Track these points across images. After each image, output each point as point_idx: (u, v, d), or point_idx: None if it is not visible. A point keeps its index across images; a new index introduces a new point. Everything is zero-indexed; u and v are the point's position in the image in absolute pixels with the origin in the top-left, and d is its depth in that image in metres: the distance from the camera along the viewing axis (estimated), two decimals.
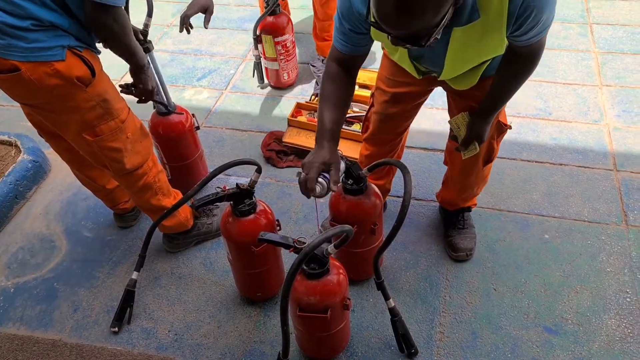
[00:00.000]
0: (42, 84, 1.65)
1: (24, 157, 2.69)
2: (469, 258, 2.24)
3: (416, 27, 1.24)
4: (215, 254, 2.35)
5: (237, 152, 2.84)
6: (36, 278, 2.32)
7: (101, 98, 1.80)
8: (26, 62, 1.60)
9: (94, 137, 1.84)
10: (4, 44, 1.57)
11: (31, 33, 1.58)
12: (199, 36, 3.77)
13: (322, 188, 1.62)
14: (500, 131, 1.88)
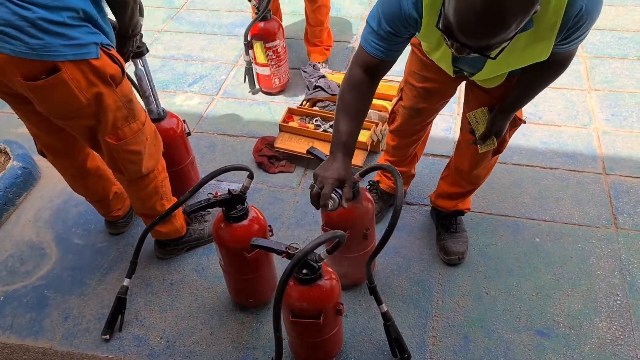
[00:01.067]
0: (81, 85, 1.63)
1: (14, 163, 2.67)
2: (460, 262, 2.25)
3: (495, 40, 1.22)
4: (207, 260, 2.34)
5: (228, 157, 2.84)
6: (26, 286, 2.30)
7: (127, 98, 1.80)
8: (66, 62, 1.58)
9: (117, 140, 1.83)
10: (41, 44, 1.53)
11: (69, 29, 1.55)
12: (189, 42, 3.77)
13: (334, 203, 1.61)
14: (514, 125, 1.88)
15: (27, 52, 1.53)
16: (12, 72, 1.58)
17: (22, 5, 1.49)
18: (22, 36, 1.51)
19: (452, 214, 2.28)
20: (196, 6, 4.17)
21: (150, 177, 2.01)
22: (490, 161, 2.03)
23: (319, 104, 2.93)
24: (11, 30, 1.50)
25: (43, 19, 1.51)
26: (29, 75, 1.58)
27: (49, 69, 1.58)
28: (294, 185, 2.66)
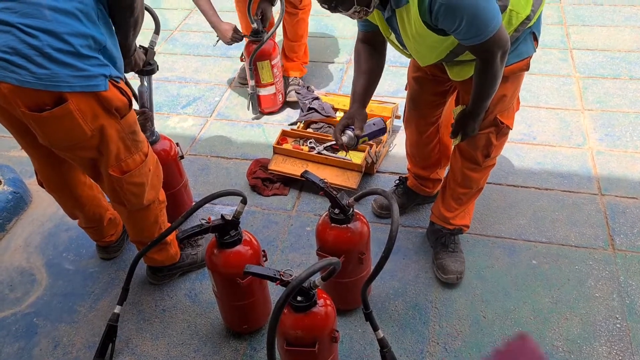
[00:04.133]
0: (86, 116, 1.61)
1: (4, 188, 2.64)
2: (458, 281, 2.22)
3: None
4: (200, 285, 2.30)
5: (222, 180, 2.82)
6: (15, 313, 2.25)
7: (131, 130, 1.78)
8: (73, 93, 1.55)
9: (121, 174, 1.81)
10: (47, 73, 1.50)
11: (78, 60, 1.53)
12: (183, 63, 3.77)
13: (350, 138, 1.94)
14: (497, 127, 1.92)
15: (33, 82, 1.51)
16: (16, 102, 1.56)
17: (29, 33, 1.48)
18: (28, 65, 1.49)
19: (451, 231, 2.27)
20: (190, 28, 4.19)
21: (151, 208, 1.99)
22: (483, 165, 2.05)
23: (313, 126, 2.92)
24: (17, 58, 1.48)
25: (51, 47, 1.49)
26: (33, 106, 1.56)
27: (55, 99, 1.55)
28: (288, 207, 2.63)
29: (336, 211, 1.86)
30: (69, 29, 1.53)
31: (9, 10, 1.49)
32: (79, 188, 2.08)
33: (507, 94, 1.87)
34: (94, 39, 1.59)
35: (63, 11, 1.52)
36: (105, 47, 1.64)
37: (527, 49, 1.79)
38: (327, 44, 3.88)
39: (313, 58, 3.63)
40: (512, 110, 1.97)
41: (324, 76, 3.55)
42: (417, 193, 2.51)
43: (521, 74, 1.88)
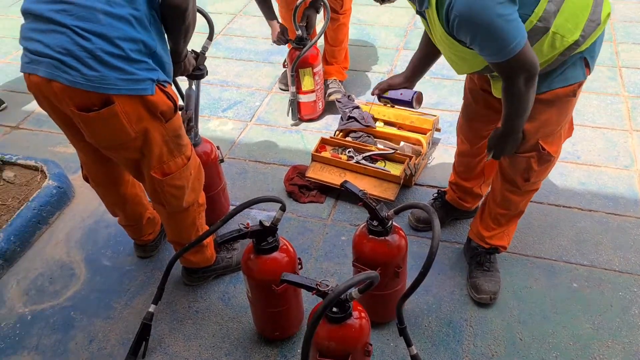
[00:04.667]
0: (131, 119, 1.64)
1: (49, 182, 2.71)
2: (492, 302, 2.17)
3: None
4: (234, 289, 2.31)
5: (259, 185, 2.83)
6: (53, 306, 2.30)
7: (175, 133, 1.81)
8: (120, 96, 1.59)
9: (163, 175, 1.84)
10: (97, 75, 1.54)
11: (127, 63, 1.57)
12: (226, 67, 3.81)
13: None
14: (538, 152, 1.87)
15: (83, 83, 1.54)
16: (66, 101, 1.60)
17: (83, 36, 1.52)
18: (80, 67, 1.53)
19: (487, 250, 2.22)
20: (234, 32, 4.24)
21: (190, 210, 2.01)
22: (523, 188, 2.00)
23: (352, 135, 2.91)
24: (70, 59, 1.53)
25: (103, 51, 1.53)
26: (81, 106, 1.60)
27: (103, 100, 1.59)
28: (324, 216, 2.63)
29: (375, 223, 1.84)
30: (121, 33, 1.56)
31: (65, 13, 1.53)
32: (122, 185, 2.12)
33: (551, 119, 1.80)
34: (145, 44, 1.62)
35: (117, 16, 1.55)
36: (155, 52, 1.67)
37: (575, 74, 1.72)
38: (369, 52, 3.87)
39: (354, 67, 3.63)
40: (559, 137, 1.89)
41: (365, 85, 3.53)
42: (455, 207, 2.47)
43: (570, 100, 1.79)
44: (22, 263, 2.49)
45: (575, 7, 1.60)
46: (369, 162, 2.69)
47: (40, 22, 1.57)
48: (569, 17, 1.60)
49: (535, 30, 1.59)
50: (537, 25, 1.58)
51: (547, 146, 1.86)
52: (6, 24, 4.62)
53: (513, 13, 1.49)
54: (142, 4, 1.60)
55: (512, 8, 1.48)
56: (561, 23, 1.59)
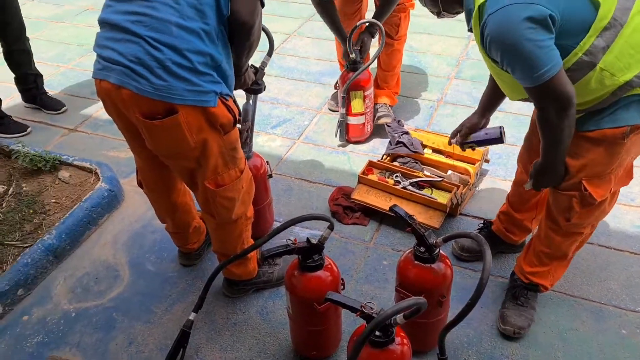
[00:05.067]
0: (192, 129, 1.69)
1: (102, 185, 2.80)
2: (516, 336, 2.13)
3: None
4: (273, 304, 2.32)
5: (304, 203, 2.85)
6: (97, 306, 2.36)
7: (232, 146, 1.85)
8: (184, 106, 1.64)
9: (216, 187, 1.88)
10: (165, 85, 1.60)
11: (193, 75, 1.62)
12: (277, 85, 3.88)
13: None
14: (580, 192, 1.81)
15: (150, 92, 1.60)
16: (132, 108, 1.66)
17: (155, 46, 1.58)
18: (149, 75, 1.59)
19: (525, 285, 2.17)
20: (287, 52, 4.32)
21: (238, 222, 2.04)
22: (564, 228, 1.94)
23: (399, 160, 2.91)
24: (140, 68, 1.59)
25: (172, 61, 1.59)
26: (147, 113, 1.66)
27: (167, 109, 1.64)
28: (367, 239, 2.62)
29: (422, 249, 1.83)
30: (191, 45, 1.61)
31: (141, 24, 1.60)
32: (174, 193, 2.17)
33: (597, 160, 1.74)
34: (212, 57, 1.67)
35: (188, 29, 1.61)
36: (220, 66, 1.72)
37: (626, 116, 1.64)
38: (420, 80, 3.88)
39: (404, 93, 3.64)
40: (607, 181, 1.79)
41: (414, 111, 3.54)
42: (501, 239, 2.43)
43: (620, 143, 1.69)
44: (71, 261, 2.56)
45: (630, 46, 1.55)
46: (416, 188, 2.68)
47: (116, 31, 1.64)
48: (620, 56, 1.55)
49: (581, 64, 1.57)
50: (582, 58, 1.55)
51: (591, 188, 1.79)
52: (72, 32, 4.83)
53: (546, 40, 1.48)
54: (212, 19, 1.65)
55: (545, 35, 1.48)
56: (611, 60, 1.55)
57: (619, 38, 1.54)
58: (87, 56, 4.33)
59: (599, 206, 1.85)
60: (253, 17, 1.70)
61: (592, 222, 1.94)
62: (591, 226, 1.98)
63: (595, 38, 1.53)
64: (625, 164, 1.82)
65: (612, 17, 1.52)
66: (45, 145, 3.31)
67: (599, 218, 1.93)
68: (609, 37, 1.53)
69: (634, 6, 1.54)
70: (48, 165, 2.90)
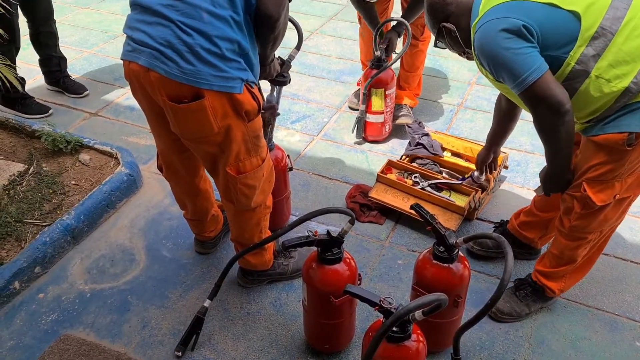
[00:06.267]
0: (217, 114, 1.70)
1: (122, 169, 2.82)
2: (494, 317, 2.22)
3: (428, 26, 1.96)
4: (287, 296, 2.33)
5: (320, 198, 2.86)
6: (112, 287, 2.38)
7: (255, 134, 1.86)
8: (211, 91, 1.66)
9: (237, 173, 1.89)
10: (192, 70, 1.61)
11: (221, 61, 1.64)
12: (298, 81, 3.89)
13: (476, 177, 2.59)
14: (581, 194, 1.83)
15: (178, 75, 1.62)
16: (160, 90, 1.68)
17: (185, 31, 1.59)
18: (178, 59, 1.61)
19: (531, 282, 2.20)
20: (309, 49, 4.33)
21: (257, 210, 2.05)
22: (567, 230, 1.96)
23: (418, 161, 2.91)
24: (170, 51, 1.60)
25: (201, 47, 1.60)
26: (173, 96, 1.67)
27: (194, 94, 1.66)
28: (382, 237, 2.62)
29: (441, 249, 1.83)
30: (220, 32, 1.63)
31: (173, 8, 1.61)
32: (195, 178, 2.18)
33: (600, 164, 1.76)
34: (239, 45, 1.68)
35: (219, 16, 1.62)
36: (247, 54, 1.73)
37: (628, 123, 1.66)
38: (441, 84, 3.88)
39: (425, 96, 3.64)
40: (611, 187, 1.80)
41: (434, 114, 3.54)
42: (515, 237, 2.42)
43: (623, 150, 1.70)
44: (88, 242, 2.59)
45: (624, 53, 1.60)
46: (435, 190, 2.68)
47: (147, 14, 1.66)
48: (614, 63, 1.61)
49: (575, 73, 1.65)
50: (575, 67, 1.64)
51: (592, 192, 1.81)
52: (96, 17, 4.87)
53: (523, 48, 1.61)
54: (241, 8, 1.67)
55: (521, 43, 1.61)
56: (605, 68, 1.62)
57: (611, 46, 1.60)
58: (110, 42, 4.36)
59: (600, 211, 1.86)
60: (279, 10, 1.71)
61: (595, 229, 1.94)
62: (599, 233, 1.98)
63: (585, 47, 1.61)
64: (636, 173, 1.81)
65: (600, 27, 1.59)
66: (67, 128, 3.34)
67: (602, 225, 1.93)
68: (599, 45, 1.60)
69: (626, 15, 1.60)
70: (69, 147, 2.92)
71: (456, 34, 1.85)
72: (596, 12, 1.60)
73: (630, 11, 1.60)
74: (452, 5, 1.83)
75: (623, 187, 1.82)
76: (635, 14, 1.60)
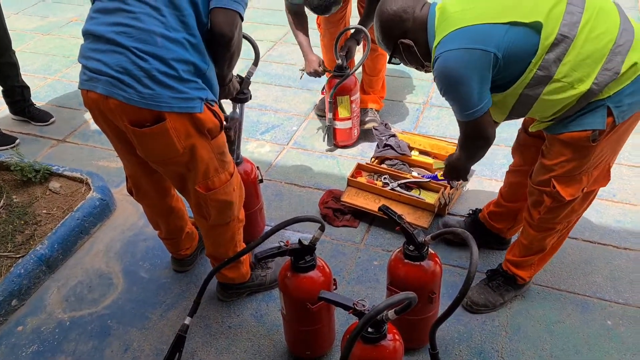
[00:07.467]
0: (180, 135, 1.72)
1: (93, 194, 2.81)
2: (468, 309, 2.27)
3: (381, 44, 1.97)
4: (267, 307, 2.35)
5: (294, 207, 2.89)
6: (91, 314, 2.37)
7: (220, 151, 1.89)
8: (171, 113, 1.68)
9: (206, 190, 1.91)
10: (151, 94, 1.63)
11: (179, 83, 1.66)
12: (264, 92, 3.92)
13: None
14: (550, 190, 1.91)
15: (137, 100, 1.64)
16: (121, 116, 1.70)
17: (140, 56, 1.62)
18: (136, 85, 1.63)
19: (502, 272, 2.25)
20: (274, 59, 4.37)
21: (230, 225, 2.08)
22: (536, 221, 2.03)
23: (387, 162, 2.96)
24: (127, 78, 1.62)
25: (158, 70, 1.63)
26: (135, 121, 1.69)
27: (155, 117, 1.68)
28: (357, 240, 2.66)
29: (411, 248, 1.87)
30: (176, 55, 1.66)
31: (125, 35, 1.64)
32: (167, 198, 2.20)
33: (566, 160, 1.83)
34: (195, 66, 1.71)
35: (173, 39, 1.65)
36: (205, 74, 1.76)
37: (590, 121, 1.73)
38: (405, 84, 3.94)
39: (390, 97, 3.70)
40: (578, 181, 1.87)
41: (401, 115, 3.60)
42: (484, 226, 2.48)
43: (588, 147, 1.77)
44: (63, 271, 2.58)
45: (584, 56, 1.65)
46: (404, 189, 2.73)
47: (100, 42, 1.67)
48: (576, 67, 1.66)
49: (537, 79, 1.70)
50: (537, 73, 1.69)
51: (560, 187, 1.88)
52: (58, 43, 4.84)
53: (476, 88, 1.71)
54: (196, 30, 1.70)
55: (477, 82, 1.70)
56: (566, 72, 1.66)
57: (571, 50, 1.65)
58: (73, 67, 4.34)
59: (568, 204, 1.93)
60: (232, 29, 1.74)
61: (563, 220, 2.02)
62: (566, 223, 2.05)
63: (546, 54, 1.66)
64: (601, 166, 1.89)
65: (559, 33, 1.64)
66: (35, 157, 3.32)
67: (570, 216, 2.01)
68: (560, 51, 1.66)
69: (582, 19, 1.65)
70: (38, 176, 2.91)
71: (415, 49, 1.86)
72: (554, 19, 1.64)
73: (585, 15, 1.65)
74: (408, 21, 1.84)
75: (590, 180, 1.89)
76: (590, 16, 1.65)
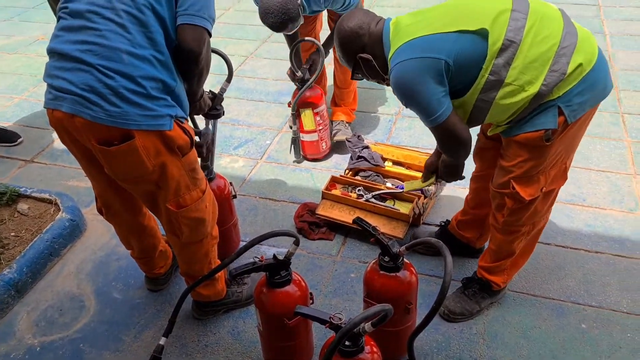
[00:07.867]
0: (149, 153, 1.70)
1: (62, 215, 2.75)
2: (445, 317, 2.28)
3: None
4: (243, 324, 2.32)
5: (269, 221, 2.87)
6: (62, 338, 2.31)
7: (191, 167, 1.86)
8: (140, 131, 1.65)
9: (178, 208, 1.88)
10: (119, 112, 1.61)
11: (147, 100, 1.63)
12: (237, 106, 3.91)
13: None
14: (510, 191, 1.95)
15: (104, 119, 1.61)
16: (87, 135, 1.67)
17: (107, 74, 1.59)
18: (102, 103, 1.60)
19: (477, 279, 2.27)
20: (245, 74, 4.36)
21: (203, 242, 2.05)
22: (502, 225, 2.06)
23: (361, 174, 2.97)
24: (93, 96, 1.60)
25: (125, 88, 1.60)
26: (102, 140, 1.66)
27: (123, 135, 1.65)
28: (333, 253, 2.65)
29: (386, 259, 1.87)
30: (143, 72, 1.64)
31: (91, 53, 1.61)
32: (138, 216, 2.16)
33: (523, 161, 1.86)
34: (164, 83, 1.70)
35: (139, 56, 1.64)
36: (173, 90, 1.74)
37: (543, 121, 1.77)
38: (377, 95, 3.97)
39: (362, 108, 3.72)
40: (536, 181, 1.91)
41: (373, 126, 3.62)
42: (454, 237, 2.50)
43: (542, 147, 1.82)
44: (33, 294, 2.51)
45: (531, 59, 1.70)
46: (379, 200, 2.74)
47: (65, 60, 1.65)
48: (524, 70, 1.71)
49: (489, 84, 1.75)
50: (489, 78, 1.73)
51: (520, 188, 1.92)
52: (24, 61, 4.76)
53: (433, 93, 1.75)
54: (164, 46, 1.68)
55: (433, 87, 1.74)
56: (516, 75, 1.72)
57: (519, 54, 1.71)
58: (41, 86, 4.26)
59: (530, 205, 1.97)
60: (199, 45, 1.74)
61: (527, 221, 2.04)
62: (531, 225, 2.08)
63: (495, 59, 1.71)
64: (558, 165, 1.94)
65: (505, 39, 1.70)
66: (1, 178, 3.24)
67: (533, 218, 2.04)
68: (508, 55, 1.71)
69: (526, 24, 1.71)
70: (5, 198, 2.83)
71: (373, 62, 1.89)
72: (500, 26, 1.69)
73: (529, 20, 1.71)
74: (365, 36, 1.87)
75: (548, 180, 1.93)
76: (535, 22, 1.71)
